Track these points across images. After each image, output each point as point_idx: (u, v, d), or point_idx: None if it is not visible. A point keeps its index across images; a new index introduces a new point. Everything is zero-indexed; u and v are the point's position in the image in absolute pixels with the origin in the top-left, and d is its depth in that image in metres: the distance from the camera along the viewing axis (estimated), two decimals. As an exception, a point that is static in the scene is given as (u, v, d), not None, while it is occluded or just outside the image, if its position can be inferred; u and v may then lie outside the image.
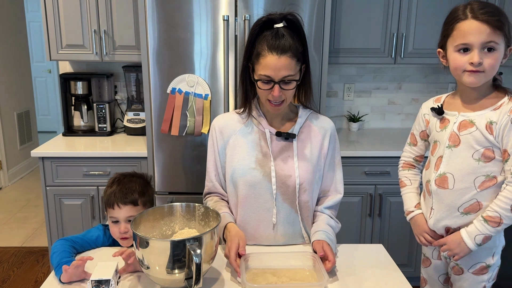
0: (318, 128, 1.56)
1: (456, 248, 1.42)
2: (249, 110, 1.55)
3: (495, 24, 1.28)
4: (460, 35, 1.32)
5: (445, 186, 1.42)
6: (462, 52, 1.34)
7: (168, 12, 2.21)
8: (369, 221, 2.66)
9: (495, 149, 1.36)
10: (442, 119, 1.47)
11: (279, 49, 1.37)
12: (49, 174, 2.55)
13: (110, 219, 1.53)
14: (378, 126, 3.20)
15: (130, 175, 1.58)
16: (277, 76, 1.39)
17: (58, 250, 1.38)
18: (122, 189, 1.50)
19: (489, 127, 1.34)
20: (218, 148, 1.57)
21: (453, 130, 1.41)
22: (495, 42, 1.29)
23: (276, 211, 1.51)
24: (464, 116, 1.40)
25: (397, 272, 1.41)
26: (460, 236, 1.41)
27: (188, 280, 1.20)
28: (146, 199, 1.54)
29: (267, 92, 1.43)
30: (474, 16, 1.30)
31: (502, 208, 1.34)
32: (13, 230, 3.65)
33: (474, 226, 1.38)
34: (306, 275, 1.32)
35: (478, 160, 1.37)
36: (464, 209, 1.41)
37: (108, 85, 2.95)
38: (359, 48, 2.70)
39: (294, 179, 1.49)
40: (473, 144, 1.37)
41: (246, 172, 1.50)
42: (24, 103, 4.95)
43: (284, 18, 1.42)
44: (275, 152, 1.51)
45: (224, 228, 1.47)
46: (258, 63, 1.41)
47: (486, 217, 1.36)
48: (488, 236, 1.37)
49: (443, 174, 1.42)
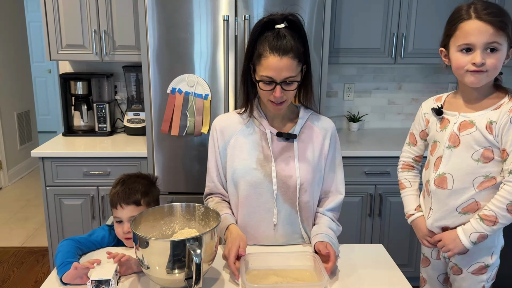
0: (319, 128, 1.56)
1: (450, 243, 1.42)
2: (250, 111, 1.55)
3: (498, 25, 1.28)
4: (463, 35, 1.32)
5: (444, 186, 1.42)
6: (464, 52, 1.33)
7: (168, 12, 2.21)
8: (369, 221, 2.66)
9: (494, 149, 1.36)
10: (442, 119, 1.47)
11: (281, 50, 1.36)
12: (49, 174, 2.55)
13: (115, 219, 1.54)
14: (378, 126, 3.20)
15: (135, 176, 1.59)
16: (279, 77, 1.39)
17: (63, 250, 1.38)
18: (125, 189, 1.51)
19: (489, 127, 1.34)
20: (219, 148, 1.57)
21: (453, 131, 1.41)
22: (497, 43, 1.29)
23: (276, 211, 1.51)
24: (465, 116, 1.40)
25: (397, 272, 1.41)
26: (456, 233, 1.41)
27: (188, 280, 1.20)
28: (150, 199, 1.54)
29: (268, 93, 1.43)
30: (478, 16, 1.30)
31: (498, 207, 1.34)
32: (13, 230, 3.65)
33: (470, 224, 1.39)
34: (306, 275, 1.32)
35: (477, 161, 1.37)
36: (462, 209, 1.41)
37: (108, 85, 2.95)
38: (359, 48, 2.70)
39: (294, 179, 1.49)
40: (472, 144, 1.37)
41: (247, 172, 1.50)
42: (24, 103, 4.95)
43: (285, 18, 1.41)
44: (276, 152, 1.51)
45: (225, 229, 1.47)
46: (259, 64, 1.41)
47: (482, 216, 1.36)
48: (483, 234, 1.37)
49: (442, 174, 1.42)
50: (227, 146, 1.55)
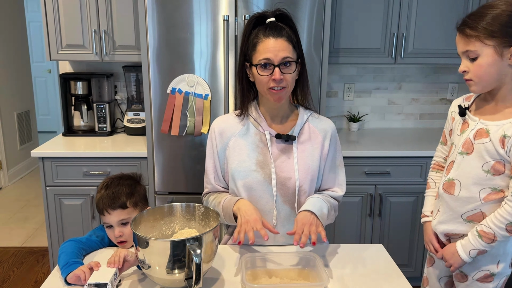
0: (318, 129, 1.55)
1: (451, 258, 1.43)
2: (246, 111, 1.55)
3: (466, 33, 1.30)
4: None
5: (451, 191, 1.42)
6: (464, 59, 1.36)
7: (168, 12, 2.21)
8: (369, 221, 2.66)
9: (506, 164, 1.33)
10: (464, 122, 1.44)
11: (275, 33, 1.41)
12: (49, 174, 2.55)
13: (104, 224, 1.52)
14: (378, 126, 3.20)
15: (118, 178, 1.55)
16: (277, 58, 1.40)
17: (66, 251, 1.38)
18: (109, 194, 1.48)
19: (502, 140, 1.32)
20: (217, 150, 1.56)
21: (469, 137, 1.39)
22: (470, 51, 1.30)
23: (276, 213, 1.51)
24: (483, 124, 1.37)
25: (397, 272, 1.41)
26: (455, 248, 1.41)
27: (188, 280, 1.20)
28: (136, 199, 1.52)
29: (267, 78, 1.42)
30: (458, 28, 1.34)
31: (497, 226, 1.33)
32: (13, 230, 3.65)
33: (468, 240, 1.38)
34: (306, 275, 1.32)
35: (487, 172, 1.35)
36: (467, 217, 1.40)
37: (108, 85, 2.95)
38: (359, 48, 2.70)
39: (293, 181, 1.49)
40: (484, 155, 1.34)
41: (247, 174, 1.50)
42: (24, 103, 4.95)
43: (275, 12, 1.47)
44: (275, 154, 1.51)
45: (234, 203, 1.47)
46: (255, 52, 1.43)
47: (481, 232, 1.35)
48: (482, 250, 1.37)
49: (452, 179, 1.42)
50: (226, 148, 1.55)
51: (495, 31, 1.26)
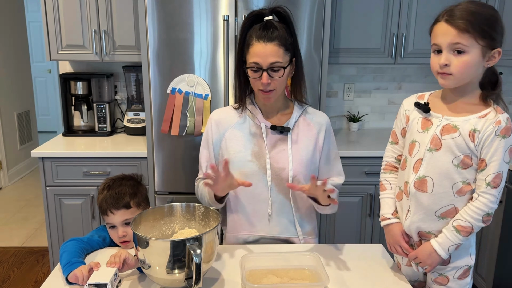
0: (313, 122, 1.59)
1: (427, 259, 1.39)
2: (244, 104, 1.59)
3: (461, 26, 1.27)
4: (433, 36, 1.36)
5: (424, 189, 1.40)
6: (436, 53, 1.34)
7: (168, 12, 2.21)
8: (369, 221, 2.66)
9: (473, 157, 1.35)
10: (425, 120, 1.44)
11: (266, 38, 1.43)
12: (49, 174, 2.55)
13: (107, 225, 1.52)
14: (378, 126, 3.20)
15: (120, 179, 1.56)
16: (265, 63, 1.43)
17: (68, 250, 1.38)
18: (112, 195, 1.49)
19: (472, 134, 1.33)
20: (212, 140, 1.60)
21: (436, 133, 1.39)
22: (462, 44, 1.27)
23: (271, 202, 1.55)
24: (448, 120, 1.38)
25: (397, 272, 1.41)
26: (431, 247, 1.38)
27: (188, 280, 1.20)
28: (139, 200, 1.53)
29: (257, 81, 1.47)
30: (446, 19, 1.30)
31: (475, 218, 1.33)
32: (13, 230, 3.65)
33: (446, 236, 1.37)
34: (306, 275, 1.32)
35: (456, 166, 1.36)
36: (441, 214, 1.39)
37: (108, 85, 2.95)
38: (359, 48, 2.70)
39: (287, 172, 1.53)
40: (454, 149, 1.35)
41: (242, 164, 1.54)
42: (24, 103, 4.95)
43: (273, 10, 1.49)
44: (270, 145, 1.55)
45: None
46: (248, 53, 1.47)
47: (458, 227, 1.35)
48: (459, 244, 1.37)
49: (423, 177, 1.40)
50: (222, 139, 1.59)
51: (487, 32, 1.27)
